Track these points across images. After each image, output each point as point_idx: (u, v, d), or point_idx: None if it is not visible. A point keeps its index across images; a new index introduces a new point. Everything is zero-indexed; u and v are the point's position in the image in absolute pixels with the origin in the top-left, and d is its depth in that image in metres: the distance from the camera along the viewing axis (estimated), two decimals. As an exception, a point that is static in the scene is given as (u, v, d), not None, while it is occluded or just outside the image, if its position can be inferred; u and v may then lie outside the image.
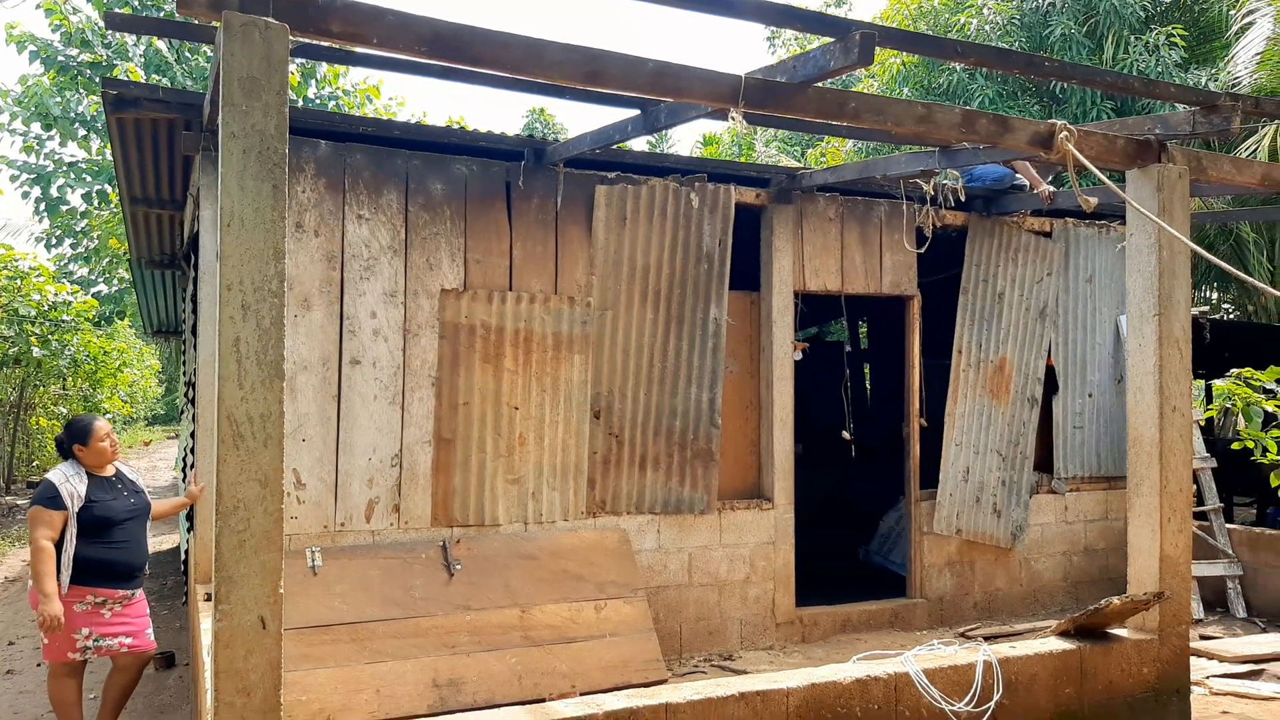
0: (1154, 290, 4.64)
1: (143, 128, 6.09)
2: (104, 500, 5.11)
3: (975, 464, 8.01)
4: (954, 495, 7.93)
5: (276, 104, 3.02)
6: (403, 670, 5.58)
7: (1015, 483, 8.15)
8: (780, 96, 3.84)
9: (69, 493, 5.00)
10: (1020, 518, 8.16)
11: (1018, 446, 8.16)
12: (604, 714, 3.50)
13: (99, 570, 5.04)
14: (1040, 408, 8.27)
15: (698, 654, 6.96)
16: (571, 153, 6.23)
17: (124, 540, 5.13)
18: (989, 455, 8.05)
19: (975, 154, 5.98)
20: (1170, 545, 4.62)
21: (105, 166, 15.08)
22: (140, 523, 5.28)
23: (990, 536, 8.04)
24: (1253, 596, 7.95)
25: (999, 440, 8.10)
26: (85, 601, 5.03)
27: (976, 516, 8.00)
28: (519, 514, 6.48)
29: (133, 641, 5.17)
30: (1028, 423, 8.21)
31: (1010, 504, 8.12)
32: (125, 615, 5.15)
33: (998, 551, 8.12)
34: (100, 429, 5.21)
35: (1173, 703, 4.65)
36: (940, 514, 7.87)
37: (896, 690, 4.02)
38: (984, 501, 8.03)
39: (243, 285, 3.00)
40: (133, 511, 5.23)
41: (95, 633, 5.07)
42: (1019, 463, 8.16)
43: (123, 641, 5.13)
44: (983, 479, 8.02)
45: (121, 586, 5.11)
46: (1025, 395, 8.22)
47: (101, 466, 5.20)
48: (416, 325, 6.27)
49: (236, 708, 2.96)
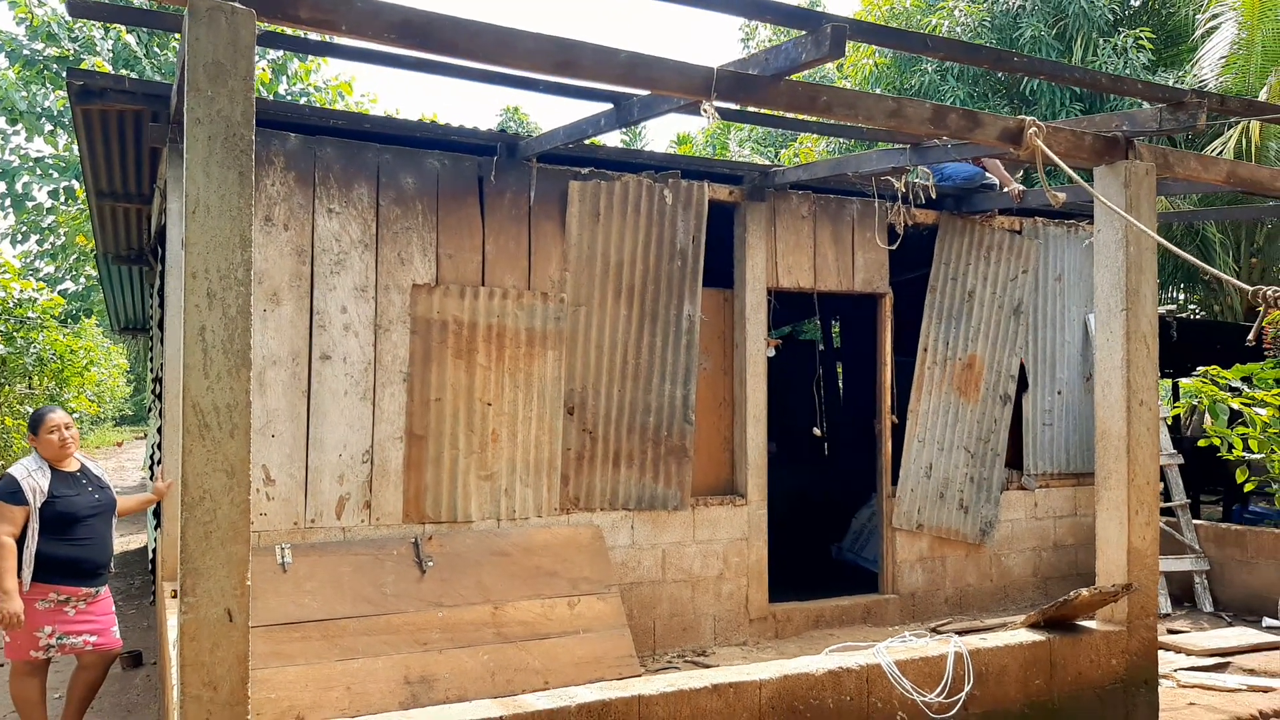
0: (1121, 286, 4.69)
1: (109, 119, 6.00)
2: (67, 496, 5.01)
3: (939, 460, 8.06)
4: (915, 491, 7.97)
5: (243, 90, 2.98)
6: (374, 667, 5.53)
7: (985, 479, 8.21)
8: (752, 89, 3.84)
9: (31, 487, 4.90)
10: (990, 514, 8.22)
11: (988, 444, 8.22)
12: (576, 706, 3.48)
13: (62, 567, 4.95)
14: (1012, 405, 8.34)
15: (671, 650, 6.96)
16: (544, 147, 6.21)
17: (87, 537, 5.03)
18: (955, 452, 8.10)
19: (946, 151, 6.01)
20: (1138, 538, 4.66)
21: (72, 162, 14.88)
22: (105, 519, 5.17)
23: (956, 532, 8.09)
24: (1219, 591, 8.06)
25: (967, 437, 8.15)
26: (48, 599, 4.93)
27: (940, 512, 8.05)
28: (492, 510, 6.45)
29: (97, 640, 5.08)
30: (999, 420, 8.27)
31: (979, 500, 8.18)
32: (90, 613, 5.06)
33: (968, 547, 8.18)
34: (51, 420, 5.06)
35: (1141, 693, 4.70)
36: (900, 509, 7.91)
37: (869, 682, 4.03)
38: (949, 497, 8.08)
39: (208, 273, 2.95)
40: (96, 508, 5.13)
41: (59, 630, 4.98)
42: (989, 460, 8.22)
43: (87, 639, 5.04)
44: (948, 475, 8.07)
45: (85, 584, 5.02)
46: (997, 393, 8.28)
47: (59, 460, 5.08)
48: (388, 320, 6.23)
49: (203, 701, 2.91)
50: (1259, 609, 7.64)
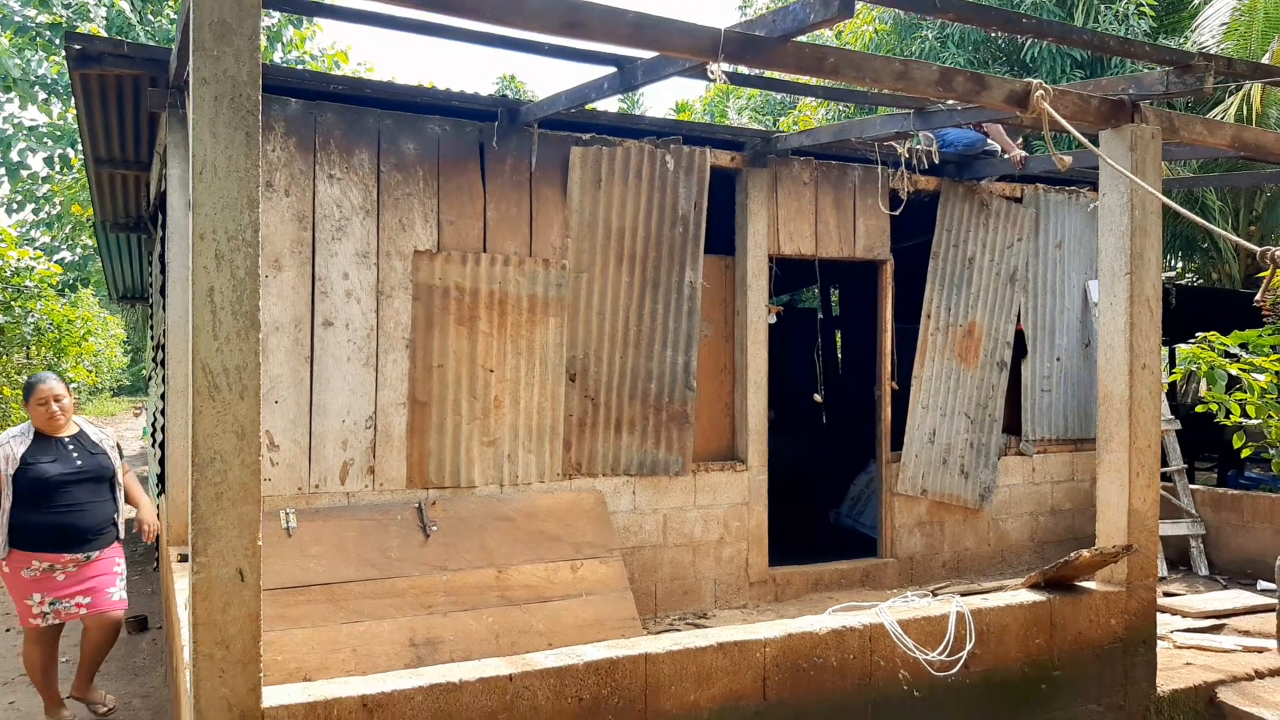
0: (1126, 249, 4.69)
1: (107, 85, 5.95)
2: (40, 463, 4.96)
3: (942, 426, 8.10)
4: (919, 457, 8.02)
5: (249, 49, 2.96)
6: (380, 630, 5.58)
7: (984, 445, 8.25)
8: (759, 50, 3.82)
9: (5, 455, 4.90)
10: (988, 479, 8.27)
11: (986, 409, 8.26)
12: (584, 664, 3.52)
13: (41, 535, 4.92)
14: (1010, 371, 8.37)
15: (672, 613, 7.02)
16: (546, 112, 6.17)
17: (68, 505, 4.97)
18: (956, 418, 8.15)
19: (950, 116, 5.99)
20: (1138, 500, 4.70)
21: (67, 130, 14.76)
22: (92, 486, 5.10)
23: (957, 497, 8.15)
24: (1215, 555, 8.13)
25: (967, 403, 8.19)
26: (32, 567, 4.95)
27: (943, 478, 8.10)
28: (495, 476, 6.48)
29: (90, 601, 5.06)
30: (996, 386, 8.31)
31: (978, 466, 8.23)
32: (80, 577, 5.04)
33: (966, 512, 8.24)
34: (41, 391, 5.04)
35: (1139, 653, 4.76)
36: (905, 475, 7.95)
37: (871, 640, 4.08)
38: (951, 463, 8.13)
39: (216, 235, 2.95)
40: (77, 474, 5.03)
41: (49, 596, 4.99)
42: (987, 425, 8.26)
43: (80, 603, 5.03)
44: (950, 441, 8.12)
45: (71, 550, 4.97)
46: (995, 359, 8.31)
47: (51, 429, 5.05)
48: (390, 287, 6.22)
49: (216, 659, 2.94)
50: (1254, 572, 7.71)
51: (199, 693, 2.93)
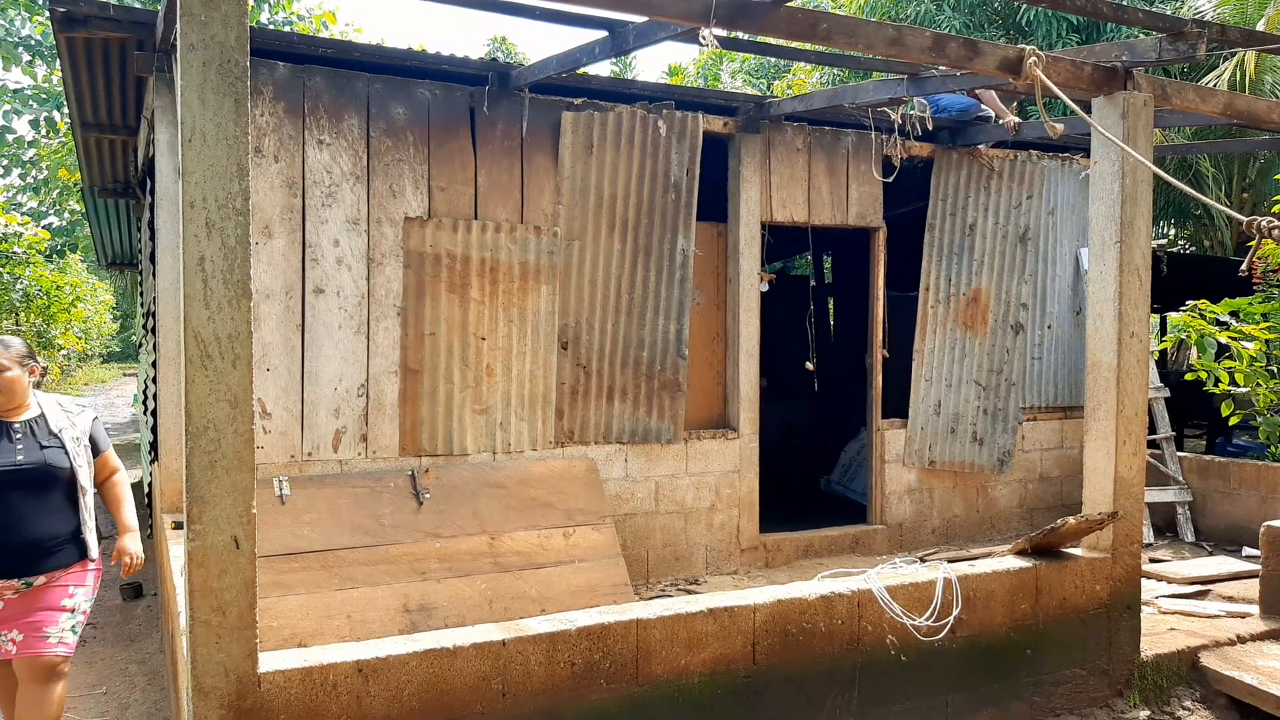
0: (1116, 217, 4.70)
1: (93, 48, 5.88)
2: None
3: (948, 397, 8.14)
4: (925, 429, 8.07)
5: (237, 14, 2.93)
6: (374, 596, 5.62)
7: (1001, 409, 8.32)
8: (751, 15, 3.79)
9: None
10: (1007, 443, 8.35)
11: (1001, 374, 8.31)
12: (576, 629, 3.56)
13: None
14: (1025, 333, 8.40)
15: (664, 579, 7.09)
16: (537, 76, 6.12)
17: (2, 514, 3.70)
18: (965, 387, 8.19)
19: (944, 82, 5.96)
20: (1125, 467, 4.74)
21: (53, 93, 14.59)
22: (37, 491, 3.78)
23: (972, 465, 8.23)
24: (1201, 522, 8.22)
25: (977, 370, 8.23)
26: None
27: (953, 447, 8.17)
28: (487, 444, 6.50)
29: (22, 640, 3.75)
30: (1011, 350, 8.36)
31: (994, 431, 8.30)
32: (22, 608, 3.77)
33: (956, 479, 8.30)
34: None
35: (1124, 618, 4.82)
36: (911, 448, 8.02)
37: (860, 606, 4.13)
38: (960, 432, 8.18)
39: (206, 202, 2.93)
40: (15, 472, 3.73)
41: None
42: (1004, 389, 8.32)
43: (14, 639, 3.75)
44: (958, 410, 8.17)
45: (4, 575, 3.72)
46: (1007, 323, 8.35)
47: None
48: (380, 254, 6.20)
49: (212, 625, 2.97)
50: (1239, 539, 7.81)
51: (196, 658, 2.96)
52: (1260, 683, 4.70)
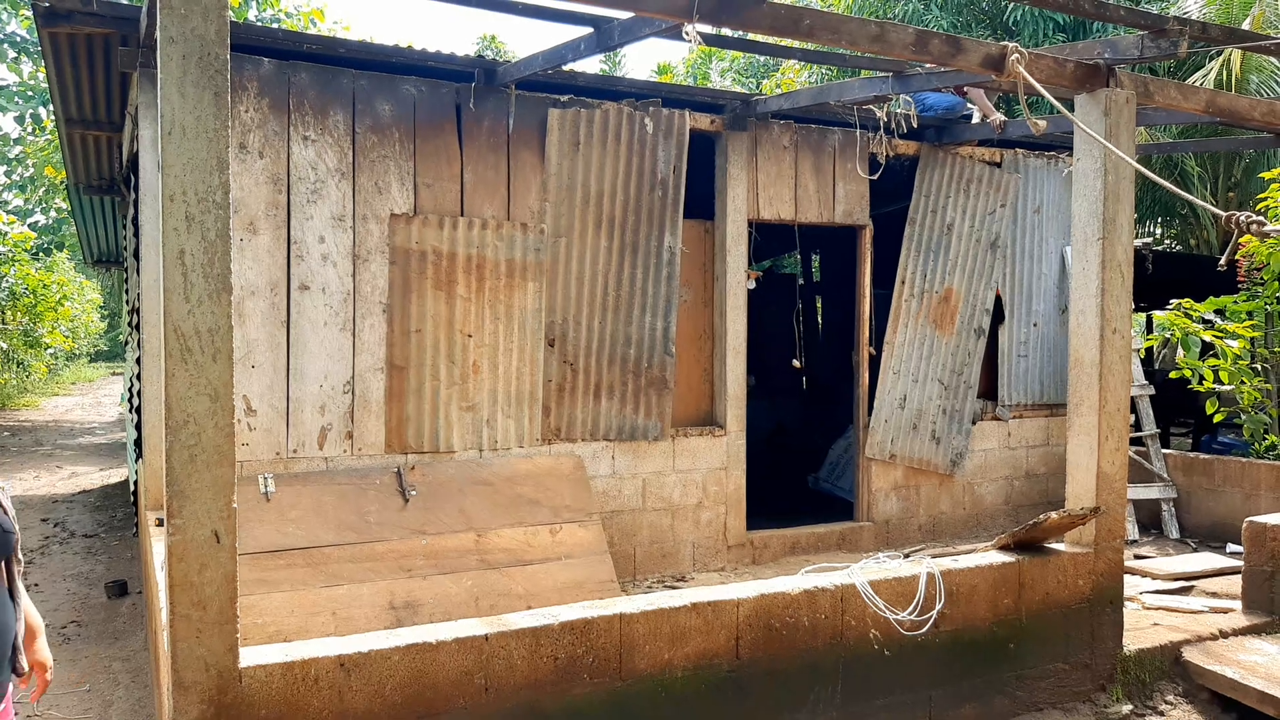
0: (1099, 214, 4.72)
1: (77, 44, 5.86)
2: None
3: (914, 392, 8.15)
4: (889, 422, 8.08)
5: (216, 7, 2.92)
6: (359, 593, 5.61)
7: (957, 411, 8.32)
8: (735, 11, 3.80)
9: None
10: (961, 445, 8.35)
11: (961, 376, 8.32)
12: (560, 624, 3.56)
13: None
14: (986, 338, 8.42)
15: (651, 576, 7.09)
16: (523, 73, 6.12)
17: None
18: (929, 384, 8.20)
19: (928, 79, 5.98)
20: (1107, 463, 4.77)
21: (38, 90, 14.50)
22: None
23: (928, 462, 8.23)
24: (1185, 518, 8.26)
25: (941, 369, 8.24)
26: None
27: (913, 443, 8.17)
28: (474, 441, 6.50)
29: None
30: (973, 353, 8.36)
31: (950, 431, 8.30)
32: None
33: (941, 476, 8.33)
34: None
35: (1106, 612, 4.85)
36: (874, 439, 8.02)
37: (843, 601, 4.14)
38: (921, 428, 8.19)
39: (186, 196, 2.92)
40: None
41: None
42: (962, 392, 8.33)
43: None
44: (921, 406, 8.18)
45: None
46: (972, 326, 8.35)
47: None
48: (366, 250, 6.19)
49: (193, 620, 2.96)
50: (1223, 535, 7.85)
51: (177, 653, 2.95)
52: (1242, 677, 4.73)
